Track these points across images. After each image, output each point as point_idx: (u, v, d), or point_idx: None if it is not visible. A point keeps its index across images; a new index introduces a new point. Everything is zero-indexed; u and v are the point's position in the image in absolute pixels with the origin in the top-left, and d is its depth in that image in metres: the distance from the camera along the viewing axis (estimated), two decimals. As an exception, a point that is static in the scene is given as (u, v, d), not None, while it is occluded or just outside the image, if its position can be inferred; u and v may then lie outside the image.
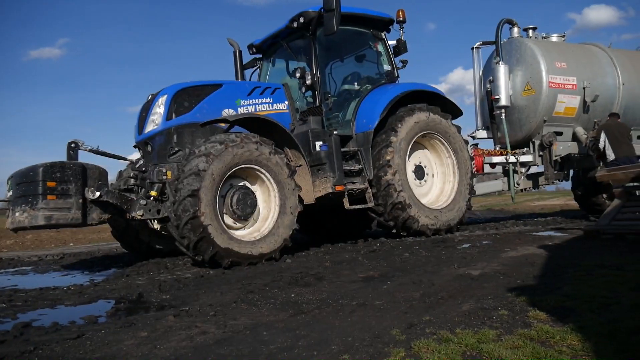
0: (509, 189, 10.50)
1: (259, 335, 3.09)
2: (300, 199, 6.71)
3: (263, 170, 6.39)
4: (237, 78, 8.79)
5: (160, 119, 6.84)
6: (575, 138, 10.44)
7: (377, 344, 2.78)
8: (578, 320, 2.94)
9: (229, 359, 2.71)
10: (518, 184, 10.42)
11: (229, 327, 3.31)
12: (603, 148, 9.37)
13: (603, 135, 9.35)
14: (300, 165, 6.94)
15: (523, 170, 10.44)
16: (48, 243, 13.79)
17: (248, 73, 8.97)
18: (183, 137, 6.76)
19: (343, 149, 7.50)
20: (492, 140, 11.06)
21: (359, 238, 8.47)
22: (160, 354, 2.83)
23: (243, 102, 7.23)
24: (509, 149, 10.20)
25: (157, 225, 7.14)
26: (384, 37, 8.67)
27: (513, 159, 10.19)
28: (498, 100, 10.19)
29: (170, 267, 6.54)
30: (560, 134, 10.28)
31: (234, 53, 8.78)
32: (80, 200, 6.01)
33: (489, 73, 10.62)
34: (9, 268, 8.01)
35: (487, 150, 10.33)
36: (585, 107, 10.24)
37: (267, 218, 6.52)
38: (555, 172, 10.47)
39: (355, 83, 8.53)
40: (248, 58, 9.02)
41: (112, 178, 6.87)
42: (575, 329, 2.76)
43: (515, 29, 10.77)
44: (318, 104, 7.64)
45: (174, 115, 6.82)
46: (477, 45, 11.20)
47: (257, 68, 9.02)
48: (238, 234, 6.29)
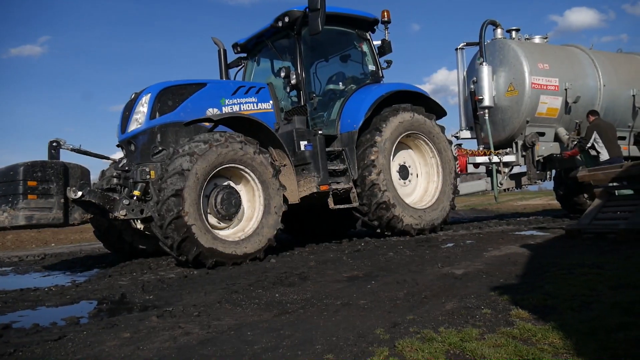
0: (492, 189, 10.58)
1: (243, 336, 3.07)
2: (285, 199, 6.70)
3: (247, 170, 6.36)
4: (221, 77, 8.75)
5: (144, 118, 6.78)
6: (558, 138, 10.57)
7: (361, 343, 2.78)
8: (559, 319, 2.97)
9: (213, 360, 2.70)
10: (501, 184, 10.52)
11: (213, 327, 3.29)
12: (591, 147, 9.47)
13: (595, 135, 9.41)
14: (285, 165, 6.92)
15: (506, 170, 10.54)
16: (29, 243, 13.59)
17: (233, 72, 8.96)
18: (167, 136, 6.71)
19: (328, 149, 7.50)
20: (475, 141, 11.18)
21: (344, 238, 8.48)
22: (143, 355, 2.80)
23: (227, 101, 7.21)
24: (492, 149, 10.29)
25: (140, 225, 7.07)
26: (369, 37, 8.68)
27: (496, 159, 10.27)
28: (481, 101, 10.27)
29: (154, 267, 6.48)
30: (543, 135, 10.40)
31: (219, 52, 8.75)
32: (62, 200, 5.94)
33: (473, 74, 10.71)
34: (-11, 269, 7.87)
35: (470, 151, 10.41)
36: (567, 108, 10.38)
37: (251, 218, 6.50)
38: (538, 172, 10.60)
39: (340, 83, 8.54)
40: (233, 57, 9.00)
41: (94, 177, 6.81)
42: (557, 327, 2.79)
43: (499, 30, 10.86)
44: (303, 104, 7.63)
45: (158, 114, 6.76)
46: (461, 46, 11.28)
47: (241, 67, 8.99)
48: (222, 234, 6.26)
